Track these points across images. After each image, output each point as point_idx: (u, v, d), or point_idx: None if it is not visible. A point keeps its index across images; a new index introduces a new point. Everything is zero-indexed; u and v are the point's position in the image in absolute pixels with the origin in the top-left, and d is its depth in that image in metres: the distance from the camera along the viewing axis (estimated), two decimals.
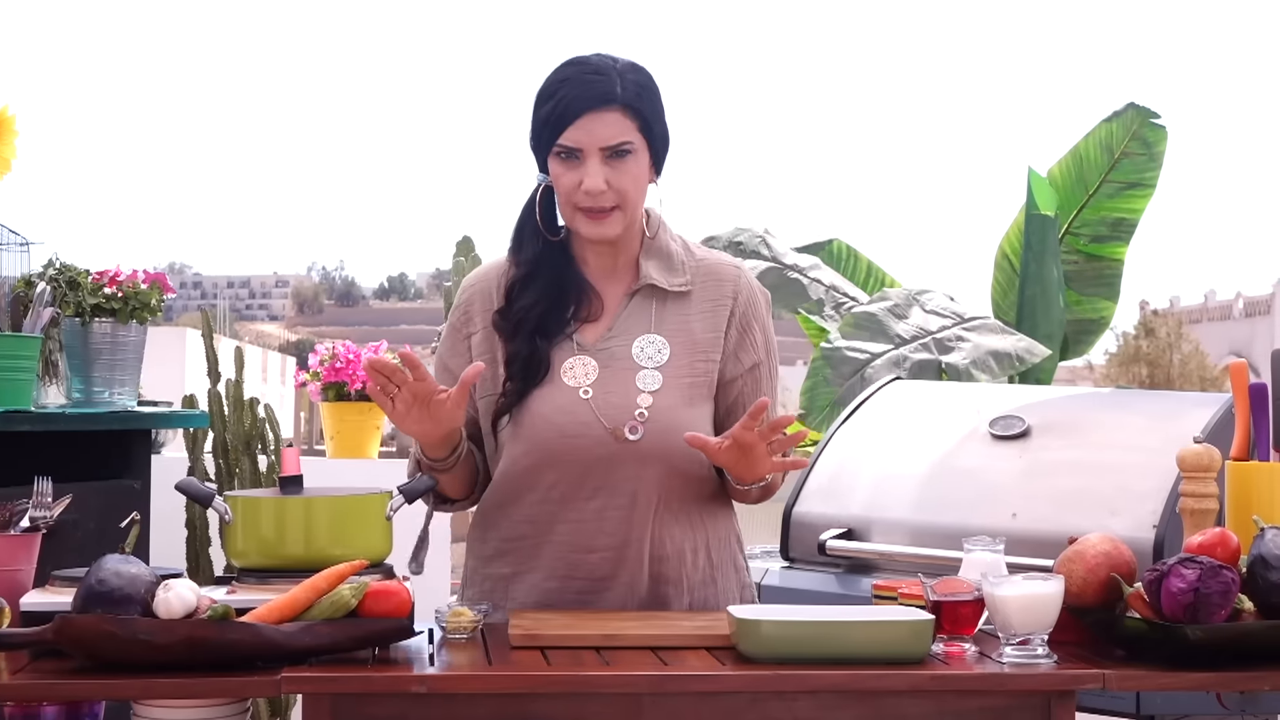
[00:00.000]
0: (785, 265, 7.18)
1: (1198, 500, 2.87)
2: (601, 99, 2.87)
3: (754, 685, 2.45)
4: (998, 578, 2.60)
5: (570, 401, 2.90)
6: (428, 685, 2.41)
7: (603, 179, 2.87)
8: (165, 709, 2.52)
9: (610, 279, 3.00)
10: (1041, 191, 7.48)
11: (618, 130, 2.88)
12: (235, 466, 5.26)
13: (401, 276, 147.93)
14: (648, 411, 2.89)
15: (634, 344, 2.95)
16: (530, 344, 2.93)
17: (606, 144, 2.87)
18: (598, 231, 2.92)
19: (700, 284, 3.00)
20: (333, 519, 2.77)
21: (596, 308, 2.98)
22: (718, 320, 2.98)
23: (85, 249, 75.38)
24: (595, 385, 2.91)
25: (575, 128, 2.87)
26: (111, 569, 2.47)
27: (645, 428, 2.89)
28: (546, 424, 2.90)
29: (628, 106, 2.88)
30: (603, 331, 2.96)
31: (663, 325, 2.96)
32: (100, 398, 4.19)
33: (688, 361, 2.95)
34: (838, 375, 6.35)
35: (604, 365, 2.93)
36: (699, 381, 2.95)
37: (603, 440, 2.89)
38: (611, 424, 2.89)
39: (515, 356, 2.94)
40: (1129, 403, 4.25)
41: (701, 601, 2.99)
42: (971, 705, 2.47)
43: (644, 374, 2.92)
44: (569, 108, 2.87)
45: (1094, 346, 7.94)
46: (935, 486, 3.77)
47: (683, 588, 2.96)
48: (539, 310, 2.94)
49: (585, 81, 2.88)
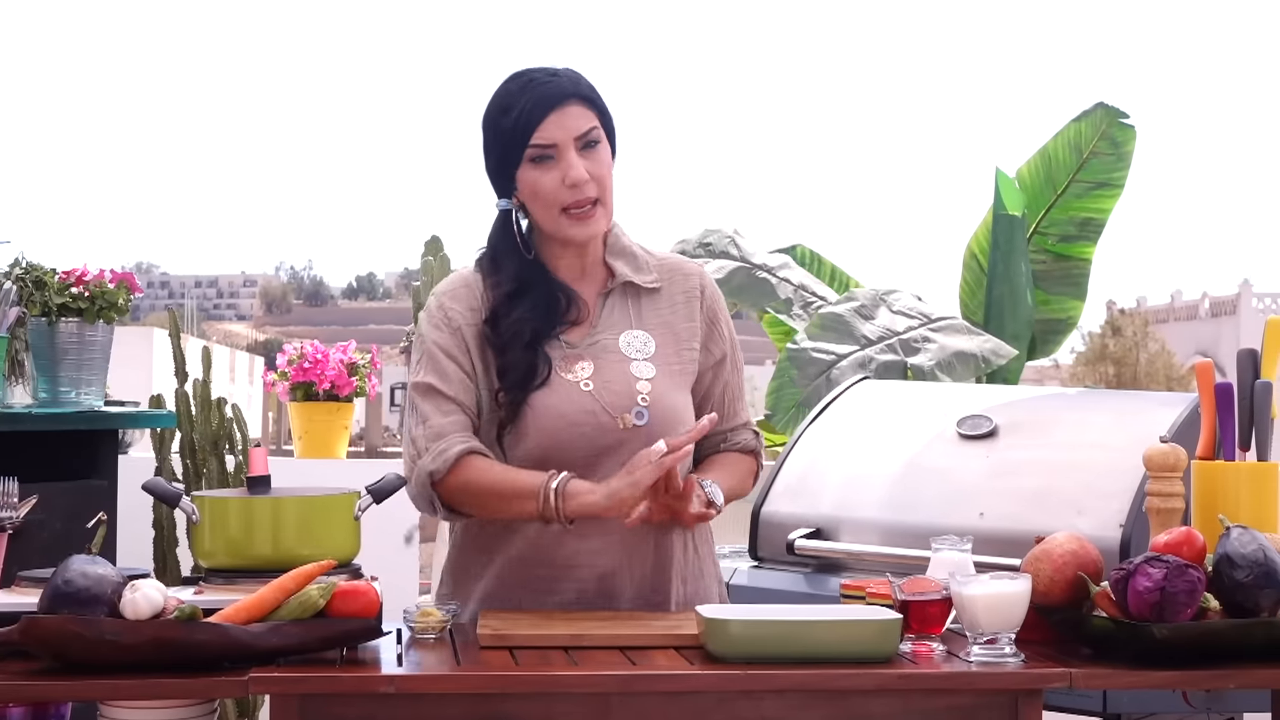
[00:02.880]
0: (754, 265, 7.18)
1: (1164, 499, 2.89)
2: (562, 95, 2.95)
3: (722, 685, 2.45)
4: (965, 577, 2.61)
5: (573, 394, 2.94)
6: (396, 685, 2.41)
7: (583, 169, 2.93)
8: (132, 710, 2.51)
9: (581, 281, 3.05)
10: (1009, 192, 7.50)
11: (585, 120, 2.96)
12: (203, 466, 5.25)
13: (370, 276, 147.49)
14: (649, 397, 2.96)
15: (620, 338, 3.01)
16: (525, 354, 2.95)
17: (579, 133, 2.95)
18: (585, 232, 2.98)
19: (668, 280, 3.09)
20: (301, 519, 2.77)
21: (583, 310, 3.03)
22: (691, 312, 3.08)
23: (52, 248, 74.80)
24: (594, 378, 2.96)
25: (547, 124, 2.93)
26: (78, 569, 2.46)
27: (649, 412, 2.95)
28: (553, 416, 2.93)
29: (585, 99, 2.97)
30: (587, 331, 3.02)
31: (643, 320, 3.04)
32: (67, 397, 4.17)
33: (674, 351, 3.04)
34: (803, 376, 6.36)
35: (597, 359, 2.98)
36: (687, 369, 3.05)
37: (608, 428, 2.93)
38: (616, 412, 2.94)
39: (512, 367, 2.95)
40: (1096, 402, 4.26)
41: (694, 592, 3.04)
42: (939, 704, 2.48)
43: (637, 364, 2.99)
44: (535, 109, 2.93)
45: (1061, 346, 7.96)
46: (903, 486, 3.77)
47: (684, 575, 3.03)
48: (532, 325, 2.96)
49: (541, 84, 2.96)
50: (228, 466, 5.30)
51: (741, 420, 3.14)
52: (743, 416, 3.14)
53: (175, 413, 5.05)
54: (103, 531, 2.90)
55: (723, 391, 3.11)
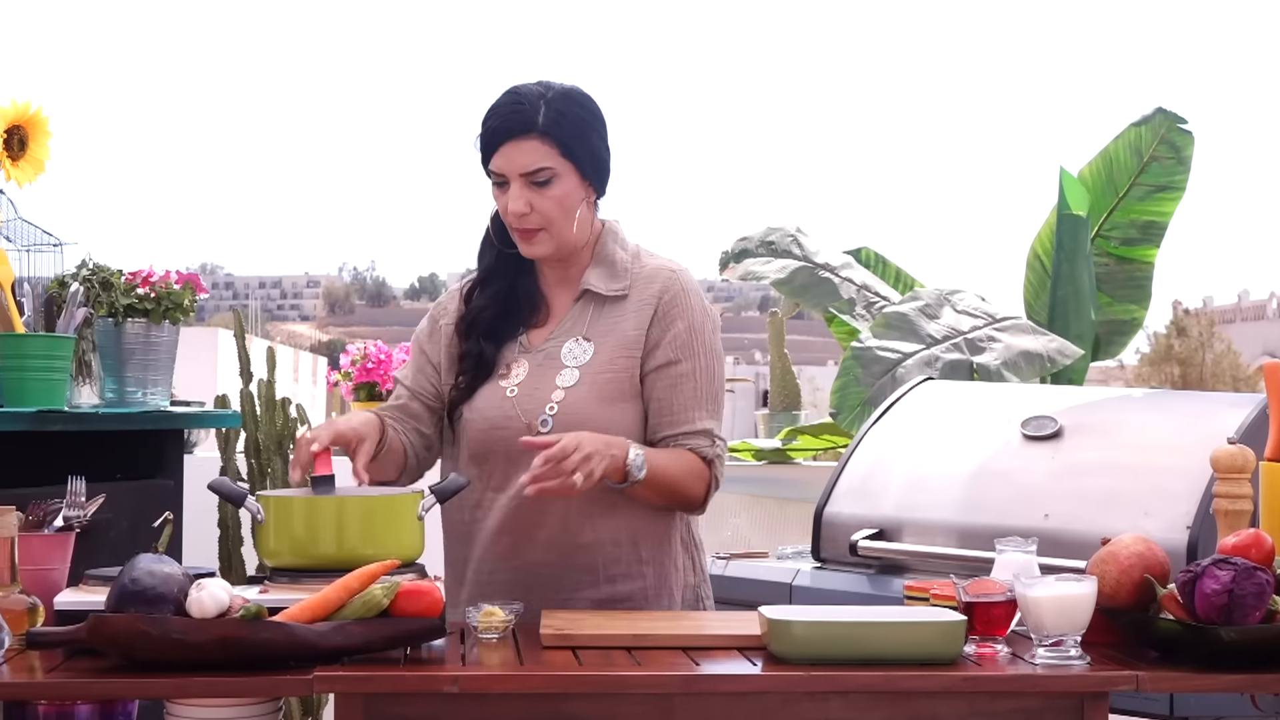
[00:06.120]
0: (817, 265, 7.16)
1: (1232, 501, 2.86)
2: (520, 128, 3.05)
3: (786, 686, 2.45)
4: (1030, 579, 2.59)
5: (499, 399, 3.09)
6: (459, 685, 2.42)
7: (524, 202, 3.04)
8: (198, 708, 2.53)
9: (562, 287, 3.17)
10: (1074, 191, 7.44)
11: (535, 158, 3.03)
12: (267, 466, 5.27)
13: (432, 276, 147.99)
14: (558, 406, 3.04)
15: (564, 346, 3.10)
16: (479, 345, 3.14)
17: (525, 170, 3.04)
18: (529, 251, 3.11)
19: (637, 287, 3.14)
20: (365, 519, 2.78)
21: (544, 314, 3.16)
22: (642, 319, 3.11)
23: (118, 250, 75.53)
24: (521, 384, 3.09)
25: (498, 155, 3.06)
26: (145, 568, 2.48)
27: (555, 420, 3.02)
28: (479, 419, 3.09)
29: (546, 134, 3.03)
30: (546, 335, 3.13)
31: (595, 327, 3.11)
32: (133, 398, 4.20)
33: (609, 359, 3.08)
34: (869, 375, 6.33)
35: (535, 365, 3.11)
36: (619, 377, 3.07)
37: (523, 433, 3.01)
38: (529, 418, 3.04)
39: (467, 355, 3.15)
40: (1162, 403, 4.23)
41: (626, 595, 3.06)
42: (1004, 707, 2.47)
43: (565, 372, 3.08)
44: (492, 137, 3.07)
45: (1126, 347, 7.90)
46: (968, 487, 3.75)
47: (598, 576, 3.05)
48: (489, 314, 3.15)
49: (508, 112, 3.06)
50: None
51: (698, 427, 3.07)
52: (701, 424, 3.07)
53: (240, 413, 5.07)
54: (169, 531, 2.92)
55: (671, 395, 3.06)
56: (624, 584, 3.07)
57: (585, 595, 3.04)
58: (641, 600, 3.07)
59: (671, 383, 3.07)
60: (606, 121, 3.14)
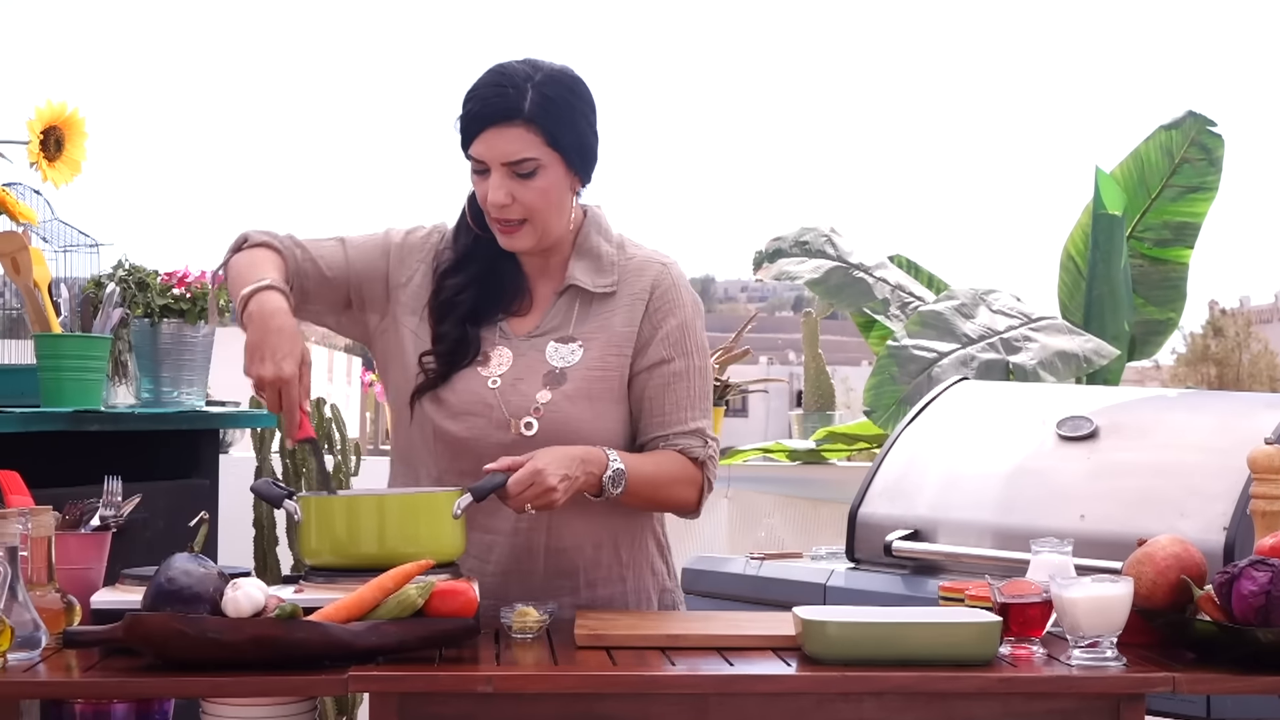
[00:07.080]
0: (851, 265, 7.15)
1: (1269, 502, 2.85)
2: (503, 114, 2.87)
3: (820, 686, 2.44)
4: (1066, 579, 2.58)
5: (480, 388, 2.95)
6: (494, 685, 2.41)
7: (505, 193, 2.88)
8: (233, 707, 2.54)
9: (543, 277, 3.03)
10: (1109, 191, 7.41)
11: (519, 147, 2.87)
12: (302, 466, 5.28)
13: None
14: (544, 408, 2.92)
15: (550, 343, 2.97)
16: (460, 328, 2.98)
17: (507, 160, 2.88)
18: (509, 244, 2.96)
19: (625, 282, 3.01)
20: (405, 517, 2.78)
21: (525, 303, 3.02)
22: (633, 315, 2.99)
23: (154, 250, 75.30)
24: (505, 376, 2.95)
25: (479, 141, 2.89)
26: (181, 568, 2.49)
27: (540, 422, 2.91)
28: (456, 406, 2.95)
29: (531, 121, 2.86)
30: (530, 327, 3.00)
31: (583, 326, 2.98)
32: (169, 397, 4.22)
33: (599, 358, 2.96)
34: (904, 374, 6.31)
35: (519, 357, 2.96)
36: (609, 376, 2.96)
37: (502, 429, 2.92)
38: (511, 414, 2.92)
39: (444, 338, 2.98)
40: (1198, 404, 4.21)
41: (606, 599, 3.00)
42: (1039, 708, 2.46)
43: (551, 374, 2.94)
44: (473, 121, 2.89)
45: (1161, 348, 7.87)
46: (1003, 487, 3.74)
47: (579, 581, 2.98)
48: (469, 296, 2.99)
49: (491, 95, 2.88)
50: (327, 466, 5.33)
51: (689, 427, 2.98)
52: (693, 424, 2.99)
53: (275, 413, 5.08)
54: (204, 530, 2.93)
55: (662, 394, 2.97)
56: (605, 586, 3.00)
57: (566, 601, 2.95)
58: (621, 606, 3.01)
59: (664, 382, 2.98)
60: (596, 105, 2.97)
